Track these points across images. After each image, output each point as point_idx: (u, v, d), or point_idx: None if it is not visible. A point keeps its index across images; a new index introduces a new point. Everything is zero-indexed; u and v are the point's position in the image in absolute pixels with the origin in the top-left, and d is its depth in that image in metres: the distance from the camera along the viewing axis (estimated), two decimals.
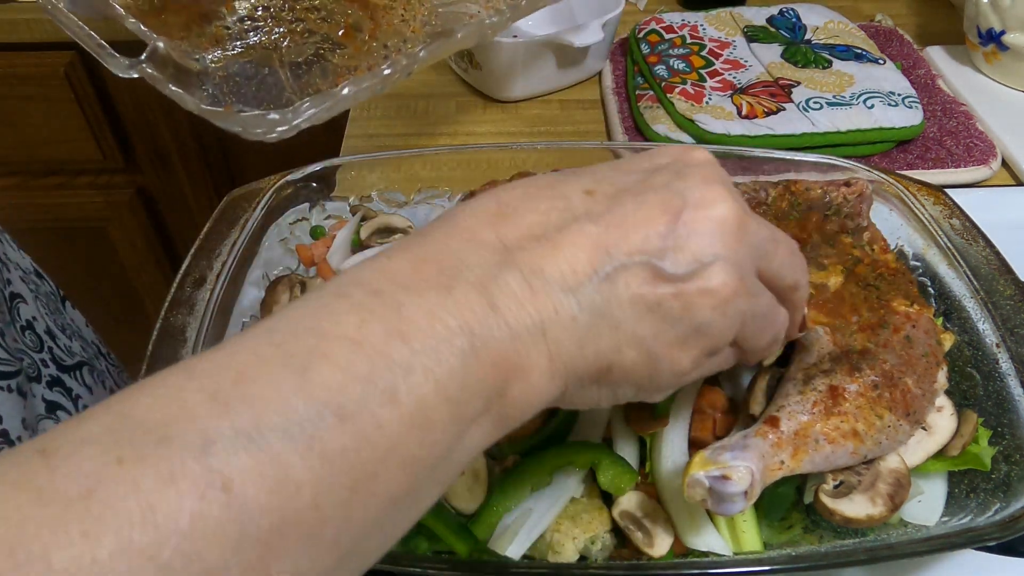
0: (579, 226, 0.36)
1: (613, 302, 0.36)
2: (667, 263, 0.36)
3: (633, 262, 0.36)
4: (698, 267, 0.37)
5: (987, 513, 0.52)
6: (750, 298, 0.39)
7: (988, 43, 1.04)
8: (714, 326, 0.38)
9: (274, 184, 0.71)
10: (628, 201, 0.37)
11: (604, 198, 0.37)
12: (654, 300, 0.36)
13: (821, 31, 1.10)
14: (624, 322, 0.36)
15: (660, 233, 0.36)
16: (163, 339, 0.58)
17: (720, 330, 0.39)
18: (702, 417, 0.57)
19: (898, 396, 0.53)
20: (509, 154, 0.78)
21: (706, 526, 0.52)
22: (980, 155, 0.93)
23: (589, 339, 0.36)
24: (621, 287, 0.36)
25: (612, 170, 0.40)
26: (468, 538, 0.51)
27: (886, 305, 0.58)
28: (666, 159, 0.41)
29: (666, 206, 0.37)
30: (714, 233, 0.37)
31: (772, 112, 0.94)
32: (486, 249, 0.35)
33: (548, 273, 0.35)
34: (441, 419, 0.32)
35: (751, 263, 0.39)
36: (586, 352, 0.36)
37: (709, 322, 0.38)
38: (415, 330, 0.32)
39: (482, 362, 0.33)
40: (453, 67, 1.11)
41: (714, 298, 0.37)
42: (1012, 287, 0.61)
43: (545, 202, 0.37)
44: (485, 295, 0.34)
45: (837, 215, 0.66)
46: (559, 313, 0.35)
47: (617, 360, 0.37)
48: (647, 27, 1.11)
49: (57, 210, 1.56)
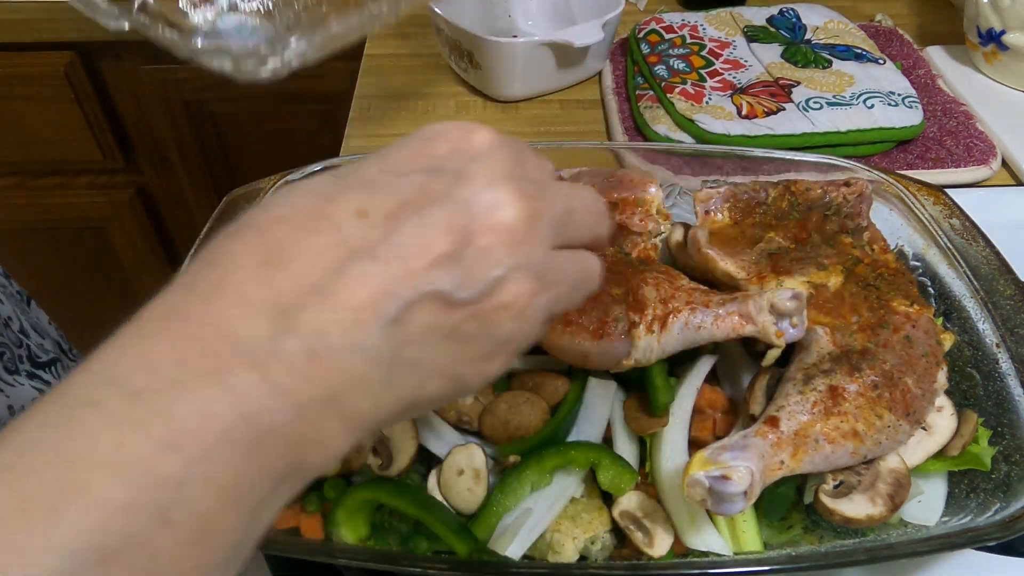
0: (359, 267, 0.32)
1: (407, 344, 0.33)
2: (457, 290, 0.33)
3: (421, 296, 0.33)
4: (491, 285, 0.34)
5: (987, 513, 0.52)
6: (551, 291, 0.37)
7: (988, 43, 1.04)
8: (518, 333, 0.36)
9: (274, 184, 0.71)
10: (407, 224, 0.33)
11: (381, 220, 0.33)
12: (450, 328, 0.34)
13: (821, 31, 1.10)
14: (422, 359, 0.34)
15: (446, 258, 0.33)
16: None
17: (525, 333, 0.37)
18: (702, 417, 0.57)
19: (898, 396, 0.53)
20: None
21: (706, 526, 0.52)
22: (980, 155, 0.93)
23: (385, 389, 0.34)
24: (412, 325, 0.33)
25: (386, 172, 0.36)
26: (468, 538, 0.51)
27: (886, 305, 0.58)
28: (445, 147, 0.37)
29: (449, 226, 0.33)
30: (503, 245, 0.34)
31: (772, 112, 0.94)
32: (260, 316, 0.31)
33: (331, 334, 0.31)
34: (228, 522, 0.29)
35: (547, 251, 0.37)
36: (385, 402, 0.34)
37: (512, 332, 0.36)
38: (186, 435, 0.28)
39: (268, 451, 0.30)
40: (453, 67, 1.11)
41: (512, 310, 0.35)
42: (1012, 287, 0.61)
43: (317, 237, 0.33)
44: (264, 375, 0.30)
45: (837, 215, 0.66)
46: (348, 375, 0.32)
47: (421, 395, 0.35)
48: (647, 27, 1.11)
49: (57, 210, 1.56)
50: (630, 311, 0.55)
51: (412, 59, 1.17)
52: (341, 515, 0.53)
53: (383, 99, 1.09)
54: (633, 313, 0.55)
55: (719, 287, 0.61)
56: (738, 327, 0.53)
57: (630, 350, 0.54)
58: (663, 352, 0.55)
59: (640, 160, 0.85)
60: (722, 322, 0.54)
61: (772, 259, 0.62)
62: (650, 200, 0.66)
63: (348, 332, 0.32)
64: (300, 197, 0.34)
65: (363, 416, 0.33)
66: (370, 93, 1.11)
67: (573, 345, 0.55)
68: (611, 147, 0.92)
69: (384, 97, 1.10)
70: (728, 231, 0.67)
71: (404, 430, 0.54)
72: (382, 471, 0.54)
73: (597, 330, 0.54)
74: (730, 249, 0.64)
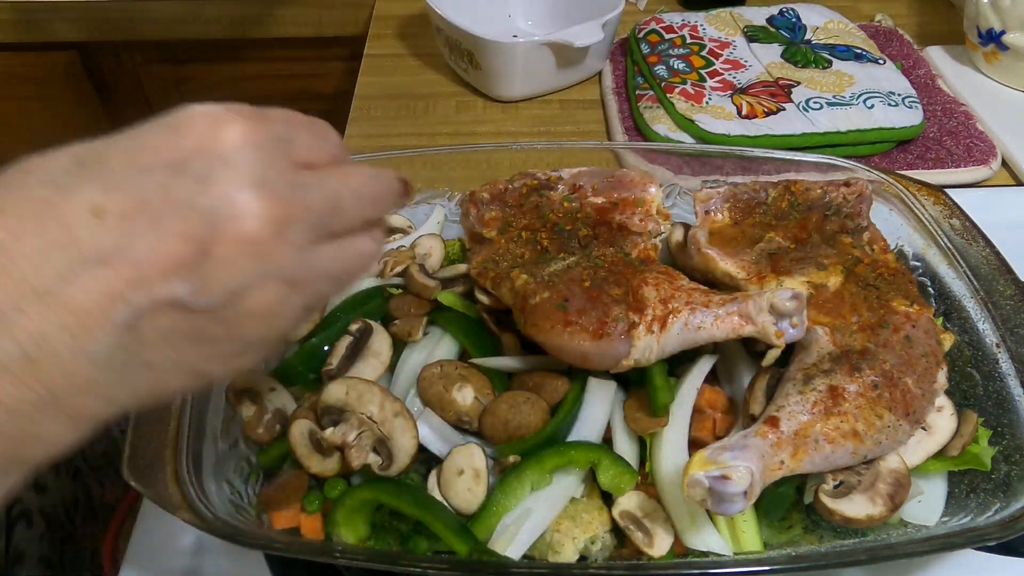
0: (88, 272, 0.31)
1: (143, 347, 0.32)
2: (195, 298, 0.32)
3: (155, 303, 0.32)
4: (233, 294, 0.33)
5: (987, 513, 0.52)
6: (305, 290, 0.37)
7: (988, 43, 1.04)
8: (269, 334, 0.36)
9: None
10: (143, 229, 0.32)
11: (116, 222, 0.31)
12: (192, 331, 0.33)
13: (821, 31, 1.10)
14: (162, 360, 0.33)
15: (182, 266, 0.32)
16: None
17: (279, 331, 0.36)
18: (702, 417, 0.57)
19: (898, 396, 0.53)
20: (509, 154, 0.78)
21: (706, 526, 0.52)
22: (980, 155, 0.93)
23: (119, 389, 0.33)
24: (149, 331, 0.32)
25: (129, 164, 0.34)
26: (468, 538, 0.51)
27: (886, 305, 0.58)
28: (193, 140, 0.35)
29: (187, 234, 0.32)
30: (246, 256, 0.33)
31: (772, 112, 0.94)
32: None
33: (53, 340, 0.30)
34: None
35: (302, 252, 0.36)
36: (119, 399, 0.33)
37: (262, 334, 0.35)
38: None
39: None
40: (453, 67, 1.11)
41: (259, 316, 0.34)
42: (1012, 287, 0.61)
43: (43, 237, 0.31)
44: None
45: (837, 215, 0.66)
46: (73, 379, 0.31)
47: (164, 389, 0.35)
48: (647, 27, 1.11)
49: None
50: (630, 311, 0.55)
51: (412, 59, 1.17)
52: (341, 515, 0.53)
53: (383, 99, 1.09)
54: (633, 313, 0.55)
55: (719, 287, 0.61)
56: (738, 327, 0.53)
57: (630, 350, 0.54)
58: (663, 352, 0.55)
59: (640, 160, 0.85)
60: (722, 322, 0.54)
61: (772, 259, 0.62)
62: (650, 200, 0.66)
63: (74, 338, 0.31)
64: (32, 186, 0.32)
65: (93, 413, 0.33)
66: (370, 93, 1.10)
67: (573, 345, 0.55)
68: (611, 147, 0.92)
69: (384, 97, 1.10)
70: (728, 231, 0.67)
71: (404, 430, 0.54)
72: (382, 471, 0.54)
73: (597, 330, 0.54)
74: (730, 249, 0.64)
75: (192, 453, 0.53)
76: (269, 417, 0.58)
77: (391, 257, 0.68)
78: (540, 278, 0.59)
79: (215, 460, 0.55)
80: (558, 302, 0.56)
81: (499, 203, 0.67)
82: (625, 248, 0.63)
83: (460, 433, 0.57)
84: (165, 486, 0.50)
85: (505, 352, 0.61)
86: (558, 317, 0.55)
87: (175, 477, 0.50)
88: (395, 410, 0.55)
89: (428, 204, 0.77)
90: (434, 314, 0.64)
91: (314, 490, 0.55)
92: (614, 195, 0.67)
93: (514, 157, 0.77)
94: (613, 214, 0.66)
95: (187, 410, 0.54)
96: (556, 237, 0.64)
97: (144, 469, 0.51)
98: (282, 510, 0.54)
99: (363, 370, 0.59)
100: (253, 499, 0.56)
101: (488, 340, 0.62)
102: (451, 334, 0.63)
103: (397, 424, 0.55)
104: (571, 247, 0.63)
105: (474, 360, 0.60)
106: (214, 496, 0.52)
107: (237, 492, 0.56)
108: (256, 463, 0.58)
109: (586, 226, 0.65)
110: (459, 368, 0.59)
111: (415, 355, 0.62)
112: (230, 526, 0.49)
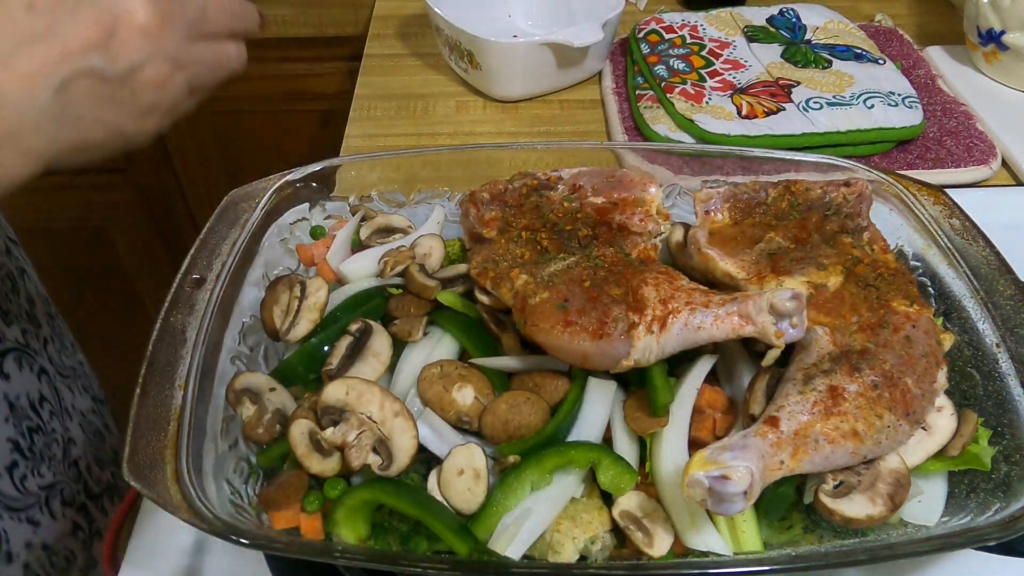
0: (28, 48, 0.46)
1: (72, 103, 0.48)
2: (106, 69, 0.49)
3: (78, 71, 0.48)
4: (134, 66, 0.50)
5: (987, 513, 0.52)
6: (187, 70, 0.54)
7: (988, 43, 1.04)
8: (163, 100, 0.53)
9: (274, 184, 0.71)
10: (67, 18, 0.47)
11: (45, 13, 0.47)
12: (106, 94, 0.50)
13: (821, 31, 1.10)
14: (86, 115, 0.49)
15: (96, 45, 0.48)
16: (163, 339, 0.58)
17: (170, 99, 0.54)
18: (702, 417, 0.57)
19: (898, 396, 0.53)
20: (509, 154, 0.78)
21: (706, 526, 0.52)
22: (980, 155, 0.93)
23: (58, 133, 0.49)
24: (75, 91, 0.48)
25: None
26: (468, 538, 0.51)
27: (886, 305, 0.58)
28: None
29: (97, 21, 0.48)
30: (139, 38, 0.49)
31: (772, 112, 0.94)
32: None
33: (8, 93, 0.45)
34: None
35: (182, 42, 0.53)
36: (58, 142, 0.49)
37: (157, 99, 0.53)
38: None
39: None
40: (453, 67, 1.11)
41: (152, 86, 0.52)
42: (1012, 287, 0.61)
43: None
44: None
45: (837, 215, 0.66)
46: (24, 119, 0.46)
47: (90, 138, 0.51)
48: (647, 27, 1.11)
49: (57, 210, 1.56)
50: (630, 311, 0.55)
51: (412, 59, 1.17)
52: (341, 515, 0.53)
53: (383, 99, 1.09)
54: (633, 313, 0.55)
55: (719, 287, 0.61)
56: (738, 327, 0.53)
57: (630, 350, 0.54)
58: (663, 352, 0.55)
59: (640, 160, 0.85)
60: (722, 322, 0.54)
61: (772, 259, 0.62)
62: (650, 200, 0.66)
63: (23, 91, 0.46)
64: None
65: (39, 151, 0.49)
66: (370, 93, 1.11)
67: (573, 345, 0.55)
68: (611, 147, 0.92)
69: (384, 97, 1.10)
70: (728, 231, 0.67)
71: (404, 430, 0.54)
72: (382, 471, 0.54)
73: (597, 330, 0.54)
74: (730, 249, 0.64)
75: (192, 453, 0.53)
76: (269, 417, 0.58)
77: (391, 257, 0.68)
78: (540, 278, 0.59)
79: (215, 460, 0.55)
80: (558, 302, 0.56)
81: (499, 203, 0.67)
82: (625, 248, 0.63)
83: (460, 433, 0.57)
84: (165, 486, 0.50)
85: (505, 352, 0.61)
86: (558, 317, 0.55)
87: (175, 477, 0.50)
88: (395, 410, 0.55)
89: (428, 204, 0.77)
90: (434, 314, 0.64)
91: (314, 490, 0.55)
92: (614, 195, 0.67)
93: (514, 157, 0.77)
94: (613, 214, 0.66)
95: (187, 410, 0.54)
96: (556, 237, 0.64)
97: (144, 469, 0.50)
98: (282, 510, 0.54)
99: (363, 370, 0.59)
100: (253, 499, 0.56)
101: (488, 340, 0.62)
102: (451, 334, 0.63)
103: (397, 424, 0.55)
104: (571, 247, 0.63)
105: (474, 360, 0.60)
106: (214, 496, 0.52)
107: (237, 492, 0.56)
108: (256, 463, 0.58)
109: (586, 226, 0.65)
110: (459, 368, 0.59)
111: (415, 355, 0.62)
112: (230, 526, 0.49)
